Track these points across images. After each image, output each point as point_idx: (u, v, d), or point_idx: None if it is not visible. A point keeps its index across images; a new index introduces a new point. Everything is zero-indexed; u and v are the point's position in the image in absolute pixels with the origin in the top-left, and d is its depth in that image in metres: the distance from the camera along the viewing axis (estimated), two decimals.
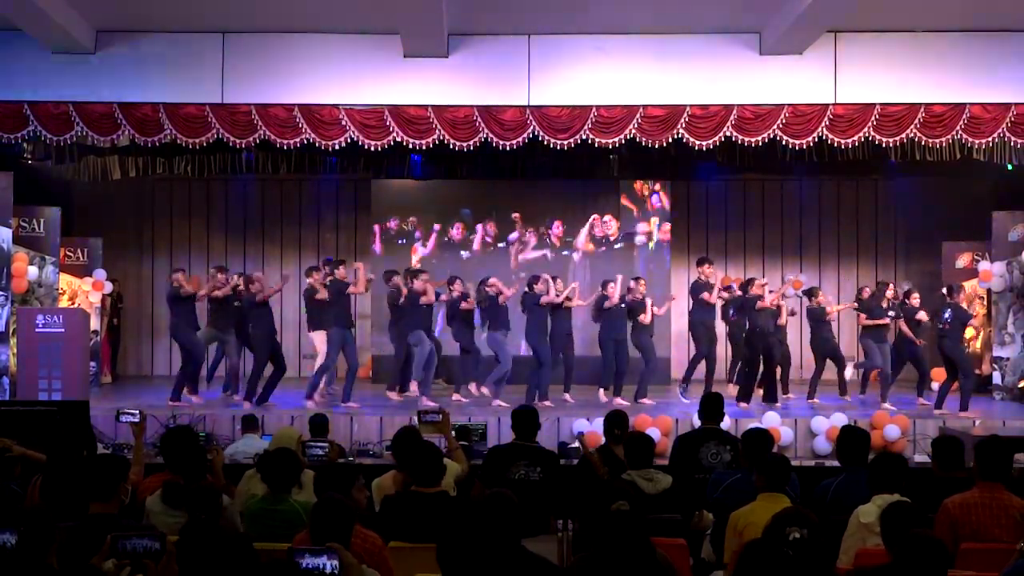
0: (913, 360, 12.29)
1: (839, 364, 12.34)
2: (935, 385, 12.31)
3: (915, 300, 12.21)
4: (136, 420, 6.60)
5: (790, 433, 10.62)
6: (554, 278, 12.17)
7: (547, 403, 11.45)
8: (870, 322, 12.19)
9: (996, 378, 13.41)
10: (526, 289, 12.17)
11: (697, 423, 7.34)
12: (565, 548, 5.42)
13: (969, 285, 14.30)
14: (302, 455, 6.28)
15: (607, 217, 15.23)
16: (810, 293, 12.62)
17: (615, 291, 12.05)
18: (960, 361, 11.54)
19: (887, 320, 12.21)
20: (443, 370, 13.00)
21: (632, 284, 12.21)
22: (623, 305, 12.09)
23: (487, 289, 12.05)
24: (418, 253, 15.13)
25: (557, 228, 15.21)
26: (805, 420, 10.86)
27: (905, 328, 12.22)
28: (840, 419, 10.53)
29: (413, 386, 12.18)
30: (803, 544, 3.63)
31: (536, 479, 6.32)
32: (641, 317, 12.08)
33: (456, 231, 15.22)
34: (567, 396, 12.05)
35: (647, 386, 12.06)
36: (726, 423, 9.93)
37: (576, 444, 9.94)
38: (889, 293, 12.39)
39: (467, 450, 8.27)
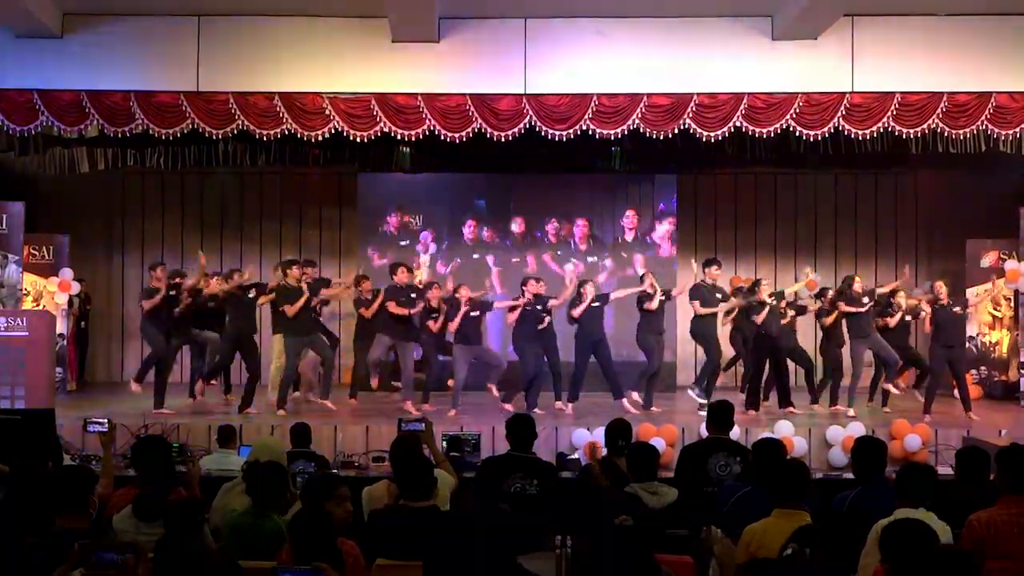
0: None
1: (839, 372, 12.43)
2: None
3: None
4: (104, 430, 6.61)
5: (804, 443, 10.63)
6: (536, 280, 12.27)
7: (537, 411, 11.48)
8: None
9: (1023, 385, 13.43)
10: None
11: (704, 433, 7.35)
12: (563, 565, 5.41)
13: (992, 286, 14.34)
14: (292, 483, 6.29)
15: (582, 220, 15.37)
16: (821, 295, 12.62)
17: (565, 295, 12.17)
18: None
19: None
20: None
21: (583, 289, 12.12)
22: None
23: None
24: (428, 252, 15.28)
25: (582, 227, 15.39)
26: (820, 430, 10.87)
27: None
28: (857, 428, 10.54)
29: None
30: (800, 558, 3.64)
31: (533, 493, 6.32)
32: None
33: (468, 229, 15.35)
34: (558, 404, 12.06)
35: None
36: (735, 433, 9.96)
37: (575, 456, 9.96)
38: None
39: (460, 462, 8.29)
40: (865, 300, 12.09)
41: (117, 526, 5.20)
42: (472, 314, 12.08)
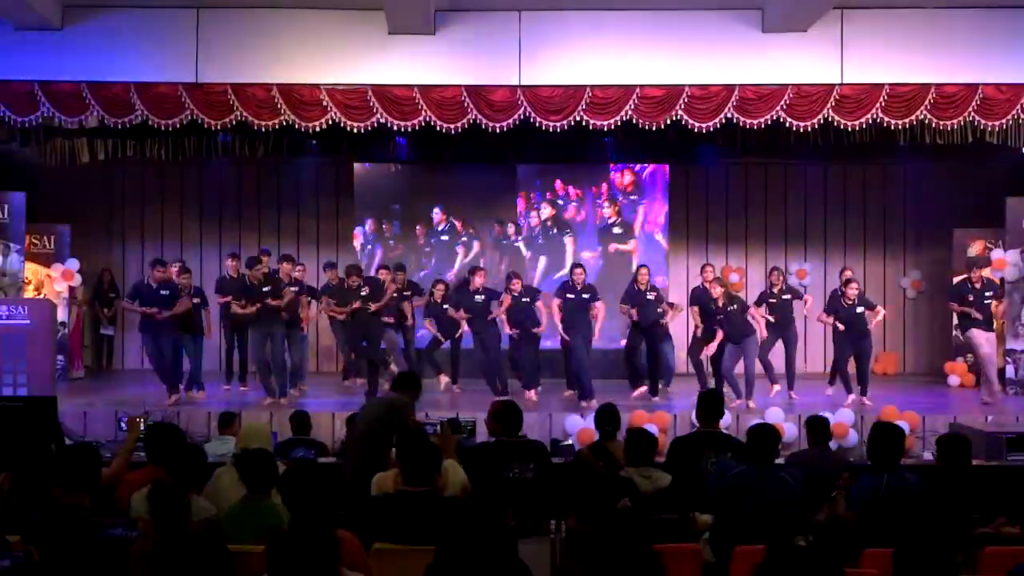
0: None
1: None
2: None
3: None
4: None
5: (794, 429, 10.64)
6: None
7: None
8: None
9: (1009, 371, 13.42)
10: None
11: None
12: (558, 549, 5.42)
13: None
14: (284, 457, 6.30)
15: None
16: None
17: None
18: None
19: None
20: None
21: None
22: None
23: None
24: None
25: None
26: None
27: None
28: (847, 415, 10.58)
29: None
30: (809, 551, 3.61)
31: (530, 477, 6.31)
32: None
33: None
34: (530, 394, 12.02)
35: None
36: (727, 420, 9.99)
37: (569, 441, 9.97)
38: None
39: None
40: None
41: (133, 504, 5.20)
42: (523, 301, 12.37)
